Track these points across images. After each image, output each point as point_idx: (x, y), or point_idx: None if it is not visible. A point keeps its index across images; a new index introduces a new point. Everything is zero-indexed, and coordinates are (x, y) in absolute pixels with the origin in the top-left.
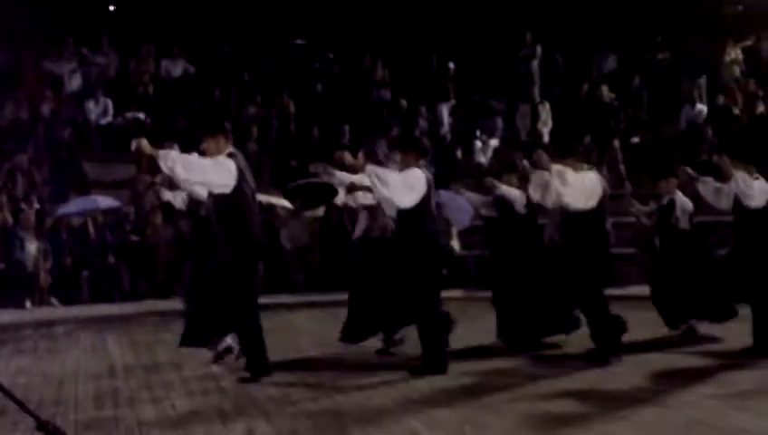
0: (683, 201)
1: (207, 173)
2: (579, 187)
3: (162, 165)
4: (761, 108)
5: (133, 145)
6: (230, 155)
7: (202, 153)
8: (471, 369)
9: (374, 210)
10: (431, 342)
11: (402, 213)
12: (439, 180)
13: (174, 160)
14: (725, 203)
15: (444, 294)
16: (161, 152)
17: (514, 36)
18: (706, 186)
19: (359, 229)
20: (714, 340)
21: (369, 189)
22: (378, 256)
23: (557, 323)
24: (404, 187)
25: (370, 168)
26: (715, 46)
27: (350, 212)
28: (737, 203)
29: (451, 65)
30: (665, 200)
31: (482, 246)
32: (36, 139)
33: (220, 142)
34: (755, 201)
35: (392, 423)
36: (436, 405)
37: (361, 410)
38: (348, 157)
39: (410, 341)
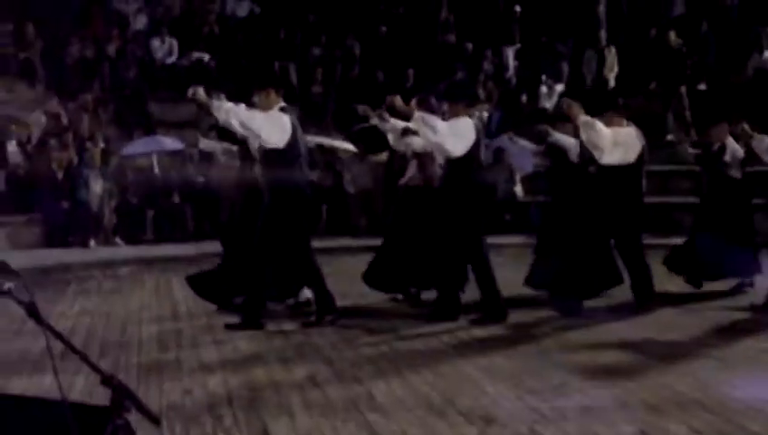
0: (734, 147)
1: (261, 127)
2: (611, 140)
3: (216, 115)
4: None
5: (189, 93)
6: (282, 109)
7: (252, 106)
8: (526, 317)
9: (424, 158)
10: (487, 291)
11: (451, 161)
12: (504, 125)
13: (227, 112)
14: None
15: (505, 239)
16: (215, 103)
17: None
18: (761, 142)
19: (406, 177)
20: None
21: (417, 135)
22: (422, 206)
23: (600, 278)
24: (452, 134)
25: (418, 114)
26: None
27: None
28: None
29: (517, 8)
30: (715, 146)
31: (545, 193)
32: (102, 78)
33: (270, 96)
34: None
35: (450, 370)
36: (492, 353)
37: (420, 356)
38: (399, 101)
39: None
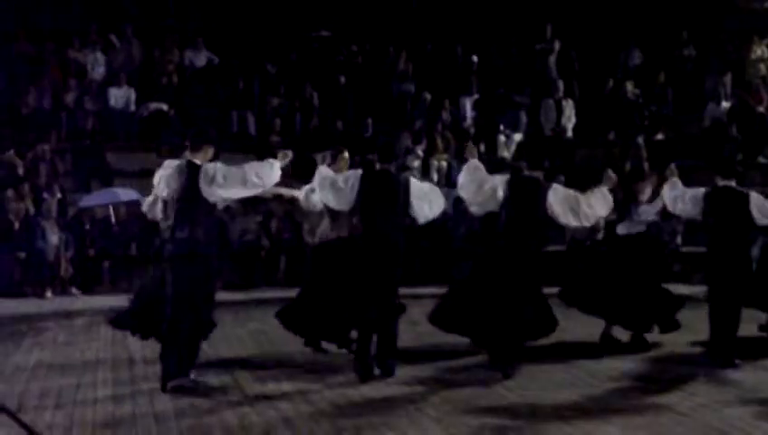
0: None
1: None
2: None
3: None
4: None
5: None
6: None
7: None
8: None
9: (333, 212)
10: (383, 345)
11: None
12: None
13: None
14: (680, 209)
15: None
16: None
17: (538, 30)
18: (673, 190)
19: (319, 232)
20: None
21: None
22: (336, 260)
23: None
24: (329, 187)
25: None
26: (742, 43)
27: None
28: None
29: (474, 58)
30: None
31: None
32: (59, 128)
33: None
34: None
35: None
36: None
37: (377, 411)
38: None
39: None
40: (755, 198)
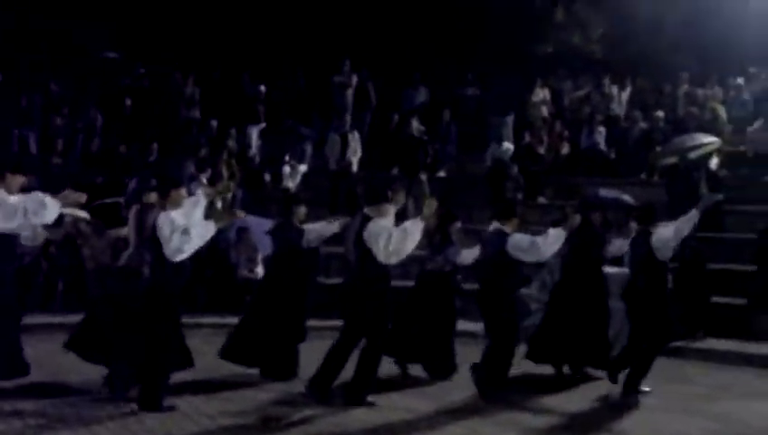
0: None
1: None
2: None
3: None
4: (566, 149)
5: None
6: None
7: None
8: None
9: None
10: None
11: None
12: (246, 204)
13: None
14: None
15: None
16: None
17: (330, 63)
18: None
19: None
20: None
21: None
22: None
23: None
24: None
25: None
26: (524, 85)
27: None
28: None
29: (262, 88)
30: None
31: None
32: None
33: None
34: None
35: None
36: None
37: None
38: None
39: None
40: (513, 237)
